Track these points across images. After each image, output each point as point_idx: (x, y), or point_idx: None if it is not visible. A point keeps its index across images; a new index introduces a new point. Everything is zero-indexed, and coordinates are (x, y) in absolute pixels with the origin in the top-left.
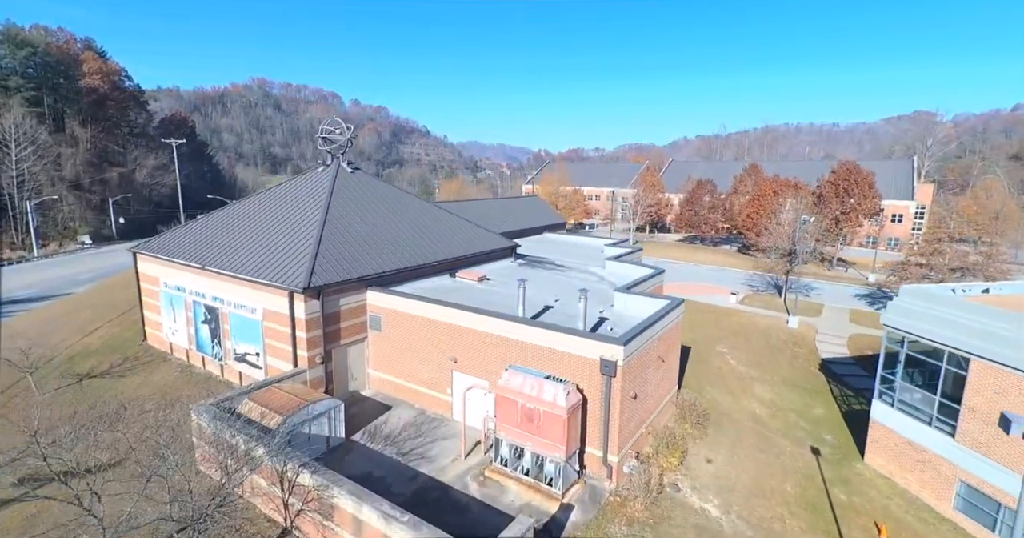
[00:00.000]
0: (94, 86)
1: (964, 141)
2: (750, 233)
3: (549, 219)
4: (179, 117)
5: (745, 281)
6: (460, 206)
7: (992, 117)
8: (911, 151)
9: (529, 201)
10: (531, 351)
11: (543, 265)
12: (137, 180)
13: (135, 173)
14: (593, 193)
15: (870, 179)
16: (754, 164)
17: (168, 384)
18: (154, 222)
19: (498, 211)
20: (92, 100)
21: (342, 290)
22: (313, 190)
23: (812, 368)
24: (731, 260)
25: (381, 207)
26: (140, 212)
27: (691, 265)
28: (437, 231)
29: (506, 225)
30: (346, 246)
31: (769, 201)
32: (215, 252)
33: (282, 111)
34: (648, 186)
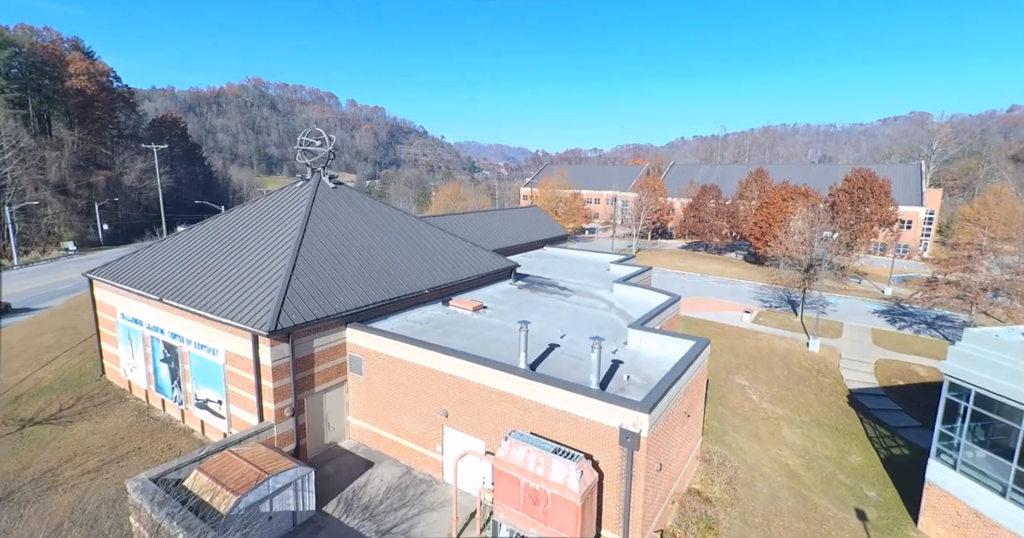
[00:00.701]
0: (81, 87)
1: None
2: (758, 242)
3: (550, 231)
4: (170, 118)
5: (756, 295)
6: (455, 220)
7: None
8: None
9: (528, 212)
10: (536, 411)
11: (545, 288)
12: (125, 184)
13: (123, 176)
14: (592, 196)
15: (886, 187)
16: (760, 169)
17: (121, 432)
18: (143, 227)
19: (496, 224)
20: (79, 102)
21: (317, 329)
22: (289, 209)
23: (841, 402)
24: (738, 270)
25: (366, 227)
26: (128, 217)
27: (697, 276)
28: (429, 253)
29: (504, 239)
30: (324, 276)
31: (778, 209)
32: (176, 282)
33: (278, 111)
34: (650, 191)
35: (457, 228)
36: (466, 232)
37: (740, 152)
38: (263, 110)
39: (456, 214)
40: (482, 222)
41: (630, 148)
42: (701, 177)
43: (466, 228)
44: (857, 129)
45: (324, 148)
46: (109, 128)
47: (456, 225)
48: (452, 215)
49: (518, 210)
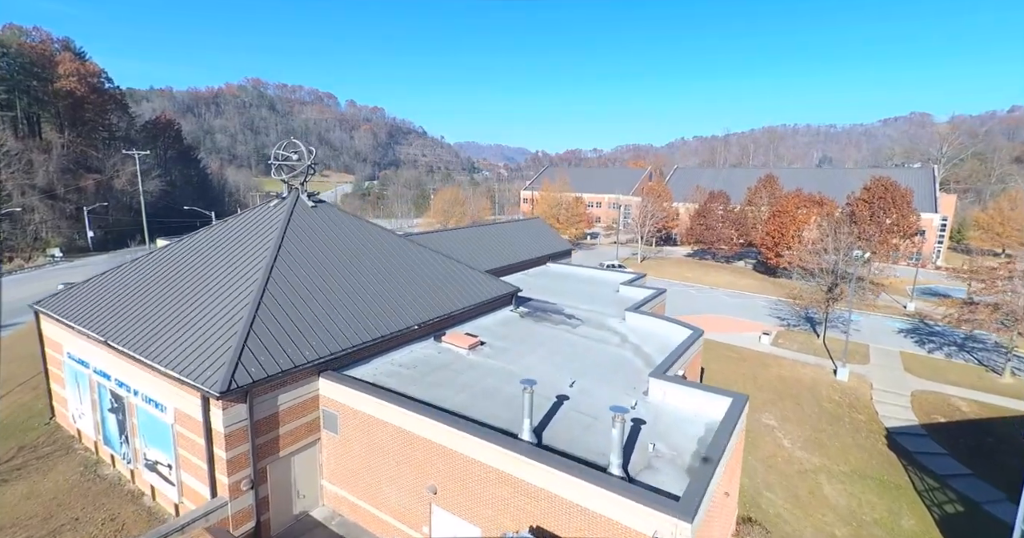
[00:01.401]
0: (70, 89)
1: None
2: (769, 253)
3: (553, 245)
4: (164, 120)
5: (772, 311)
6: (451, 237)
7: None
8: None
9: (530, 225)
10: (544, 501)
11: (550, 317)
12: (116, 187)
13: (114, 180)
14: (594, 200)
15: (908, 196)
16: (769, 175)
17: (61, 495)
18: (134, 231)
19: (495, 240)
20: (69, 103)
21: (284, 382)
22: (260, 234)
23: (880, 444)
24: (749, 282)
25: (349, 253)
26: (119, 221)
27: (706, 289)
28: (420, 281)
29: (504, 256)
30: (294, 315)
31: (791, 218)
32: (125, 320)
33: (277, 112)
34: (654, 196)
35: (453, 246)
36: (463, 250)
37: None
38: (262, 110)
39: (452, 230)
40: (480, 238)
41: (630, 148)
42: (706, 181)
43: (463, 245)
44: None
45: (303, 161)
46: (100, 130)
47: (452, 242)
48: (448, 231)
49: (519, 223)
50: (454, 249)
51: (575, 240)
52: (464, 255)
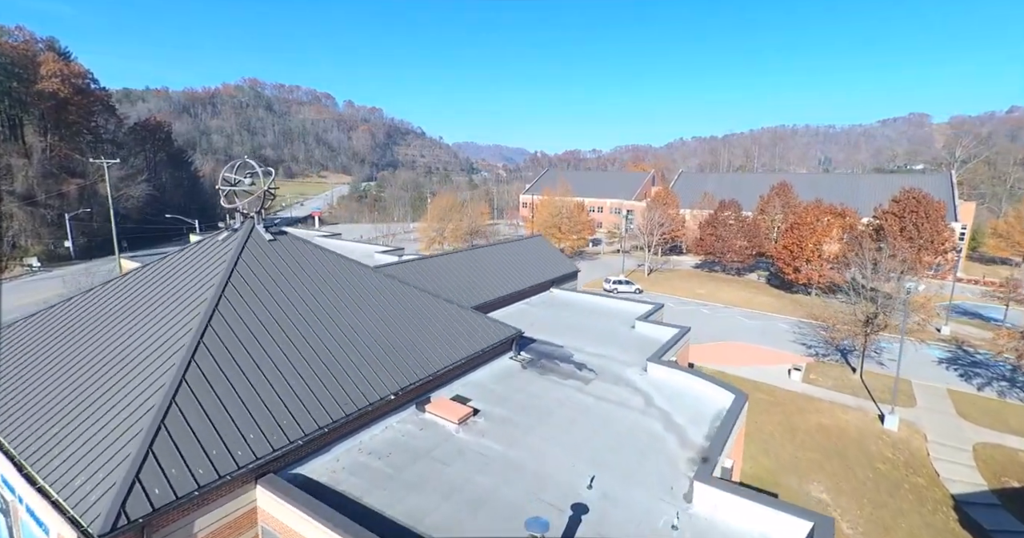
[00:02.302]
0: (54, 90)
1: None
2: (787, 267)
3: (557, 267)
4: (154, 122)
5: (795, 336)
6: (443, 264)
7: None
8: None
9: (530, 245)
10: None
11: (556, 366)
12: (101, 193)
13: (98, 185)
14: (595, 204)
15: (942, 210)
16: (783, 183)
17: None
18: (120, 237)
19: (492, 266)
20: (51, 105)
21: (205, 500)
22: (198, 279)
23: (951, 522)
24: (766, 299)
25: (309, 300)
26: (104, 227)
27: (720, 308)
28: (399, 330)
29: (503, 285)
30: (228, 397)
31: (810, 230)
32: (13, 398)
33: (274, 112)
34: (660, 204)
35: (444, 276)
36: (455, 280)
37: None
38: (259, 111)
39: (443, 255)
40: (475, 264)
41: (629, 149)
42: (712, 186)
43: (455, 274)
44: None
45: (258, 186)
46: (85, 133)
47: (443, 272)
48: (439, 256)
49: (518, 243)
50: (445, 279)
51: (578, 250)
52: (457, 286)
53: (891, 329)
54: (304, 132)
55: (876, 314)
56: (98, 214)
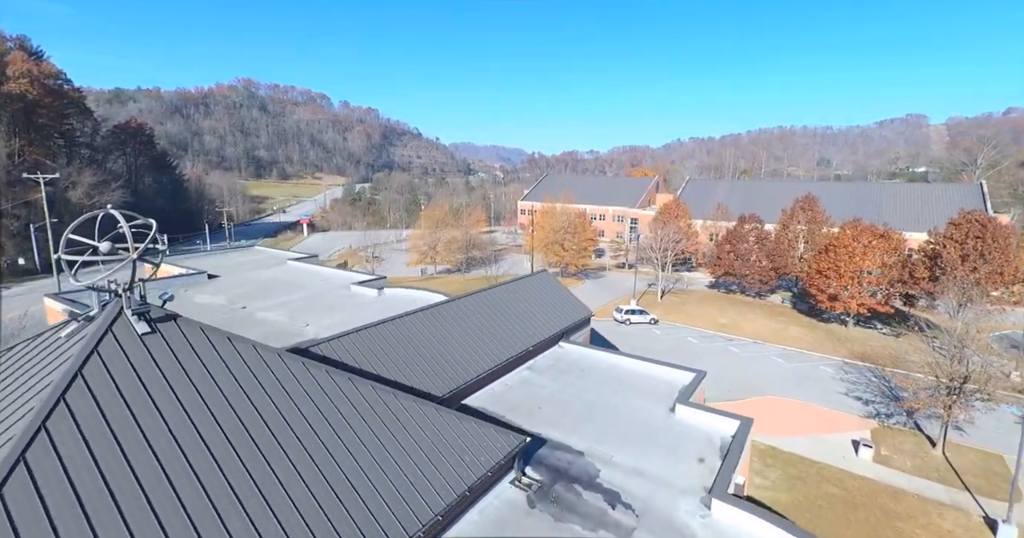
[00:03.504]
0: (22, 91)
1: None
2: (821, 294)
3: (565, 313)
4: (134, 124)
5: (847, 386)
6: (425, 323)
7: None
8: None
9: (536, 286)
10: None
11: (578, 499)
12: (73, 200)
13: (68, 192)
14: (597, 212)
15: (1010, 235)
16: (809, 196)
17: None
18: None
19: (489, 320)
20: (19, 108)
21: None
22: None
23: None
24: (798, 331)
25: (193, 444)
26: None
27: (749, 344)
28: (339, 479)
29: (501, 345)
30: None
31: (848, 253)
32: None
33: (268, 112)
34: (671, 216)
35: (423, 341)
36: (438, 347)
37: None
38: (252, 111)
39: (424, 310)
40: (467, 319)
41: (627, 149)
42: (722, 195)
43: (439, 338)
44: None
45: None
46: (55, 137)
47: (422, 334)
48: (417, 313)
49: (519, 283)
50: (425, 348)
51: (583, 270)
52: (439, 357)
53: None
54: (299, 133)
55: (967, 378)
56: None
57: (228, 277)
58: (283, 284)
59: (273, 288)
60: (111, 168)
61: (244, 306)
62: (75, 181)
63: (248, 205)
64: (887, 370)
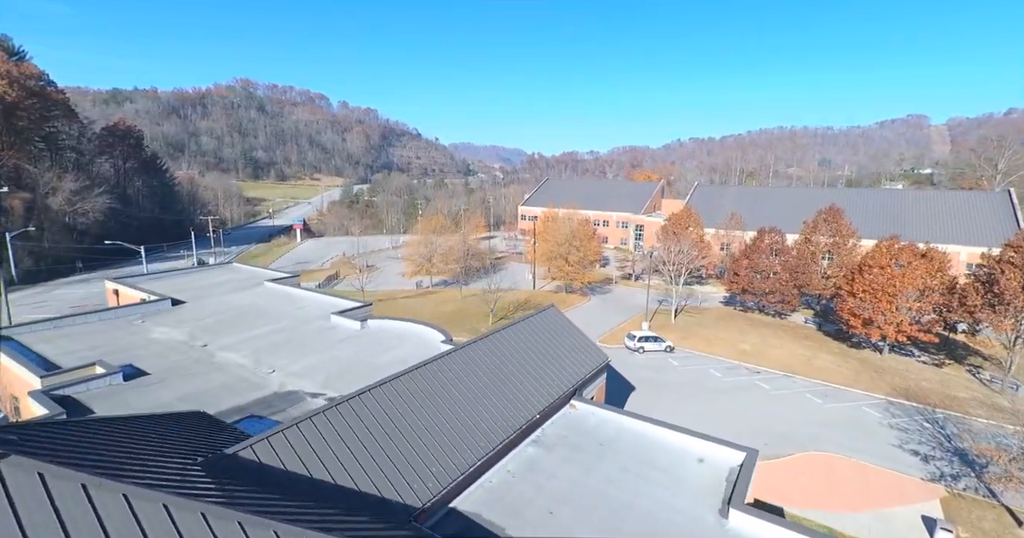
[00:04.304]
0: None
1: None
2: (853, 319)
3: (579, 363)
4: (122, 127)
5: (897, 434)
6: (417, 384)
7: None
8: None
9: (543, 325)
10: None
11: None
12: (53, 207)
13: (49, 198)
14: (600, 218)
15: None
16: (833, 208)
17: None
18: (74, 258)
19: (492, 373)
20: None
21: None
22: None
23: None
24: (829, 359)
25: None
26: (56, 246)
27: (777, 376)
28: None
29: (509, 408)
30: None
31: (887, 276)
32: None
33: (266, 113)
34: (682, 226)
35: (412, 411)
36: (432, 419)
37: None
38: (250, 112)
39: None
40: (464, 381)
41: (627, 150)
42: (732, 201)
43: (432, 407)
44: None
45: None
46: (36, 141)
47: (411, 403)
48: (406, 375)
49: (525, 324)
50: (409, 427)
51: (589, 285)
52: (429, 436)
53: (962, 395)
54: (297, 133)
55: None
56: (49, 232)
57: (195, 303)
58: (255, 313)
59: (243, 318)
60: (99, 172)
61: (205, 344)
62: (55, 187)
63: (244, 208)
64: (939, 411)
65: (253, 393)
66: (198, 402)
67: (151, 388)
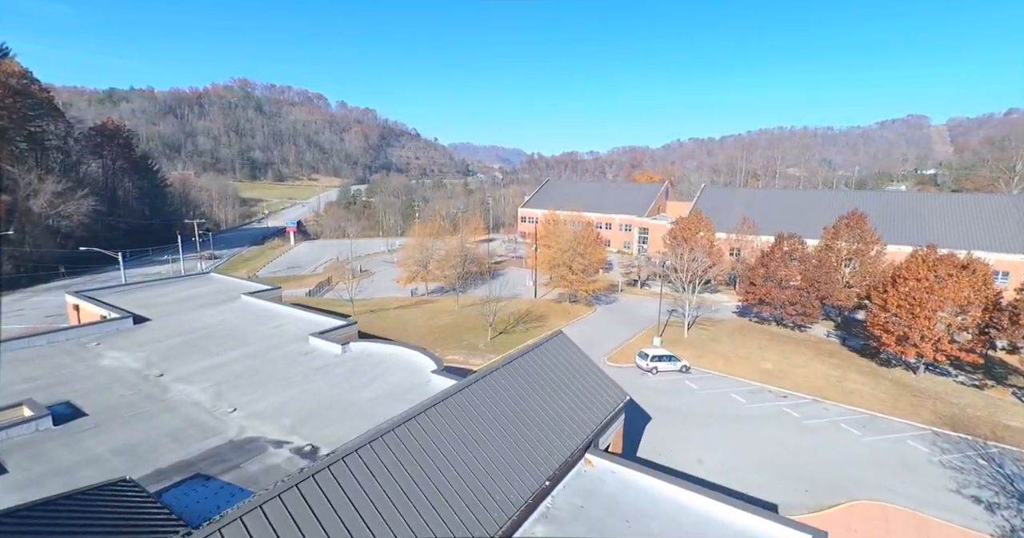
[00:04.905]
0: None
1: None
2: (887, 336)
3: (594, 405)
4: (111, 126)
5: (951, 475)
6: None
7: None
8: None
9: (552, 357)
10: None
11: None
12: (35, 210)
13: (31, 200)
14: (602, 220)
15: None
16: (856, 213)
17: None
18: (57, 261)
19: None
20: None
21: None
22: None
23: None
24: (857, 380)
25: None
26: (38, 250)
27: (806, 402)
28: None
29: (513, 473)
30: None
31: (924, 288)
32: None
33: (264, 113)
34: (690, 230)
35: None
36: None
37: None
38: (248, 111)
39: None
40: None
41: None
42: (742, 204)
43: (419, 473)
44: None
45: None
46: (17, 141)
47: (391, 473)
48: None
49: (531, 357)
50: (385, 510)
51: (593, 294)
52: (412, 523)
53: None
54: (295, 133)
55: None
56: (31, 235)
57: (161, 321)
58: (224, 333)
59: (210, 340)
60: (86, 173)
61: (161, 373)
62: (37, 189)
63: (239, 209)
64: (991, 444)
65: (205, 441)
66: (135, 456)
67: (84, 435)
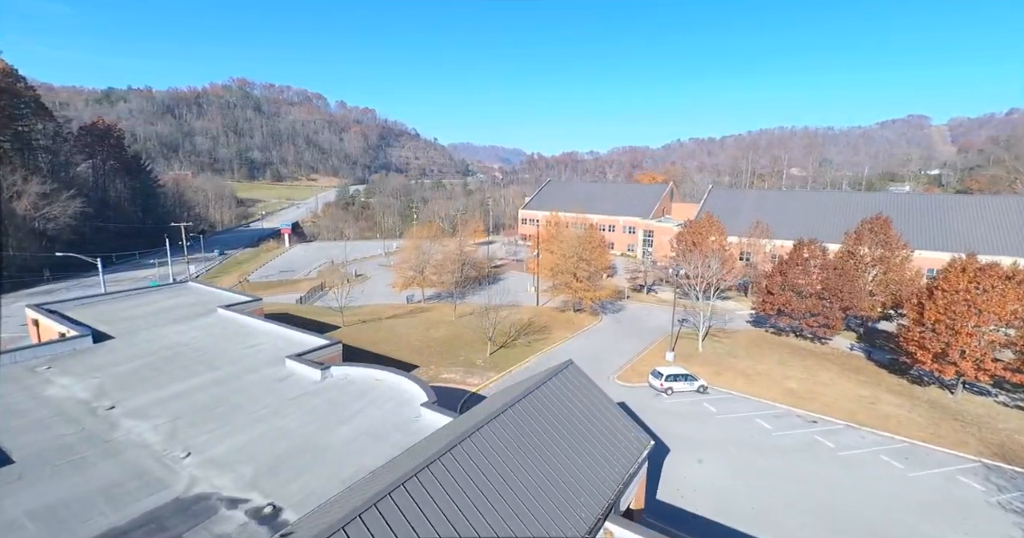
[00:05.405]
0: None
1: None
2: (923, 353)
3: (613, 456)
4: (102, 126)
5: (1018, 522)
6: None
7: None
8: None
9: (563, 393)
10: None
11: None
12: (18, 212)
13: (15, 201)
14: (606, 222)
15: None
16: (881, 218)
17: None
18: (43, 266)
19: (496, 490)
20: None
21: None
22: None
23: None
24: (890, 401)
25: None
26: (22, 255)
27: (840, 428)
28: None
29: None
30: None
31: (967, 301)
32: None
33: (263, 113)
34: (701, 234)
35: None
36: None
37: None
38: (247, 111)
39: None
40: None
41: (627, 150)
42: (751, 207)
43: None
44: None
45: None
46: (0, 140)
47: None
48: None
49: (538, 394)
50: None
51: (599, 302)
52: None
53: None
54: (294, 133)
55: None
56: (15, 238)
57: (124, 339)
58: (193, 355)
59: (175, 362)
60: (75, 174)
61: (113, 406)
62: (20, 190)
63: (235, 210)
64: None
65: (146, 499)
66: (55, 521)
67: (3, 491)
